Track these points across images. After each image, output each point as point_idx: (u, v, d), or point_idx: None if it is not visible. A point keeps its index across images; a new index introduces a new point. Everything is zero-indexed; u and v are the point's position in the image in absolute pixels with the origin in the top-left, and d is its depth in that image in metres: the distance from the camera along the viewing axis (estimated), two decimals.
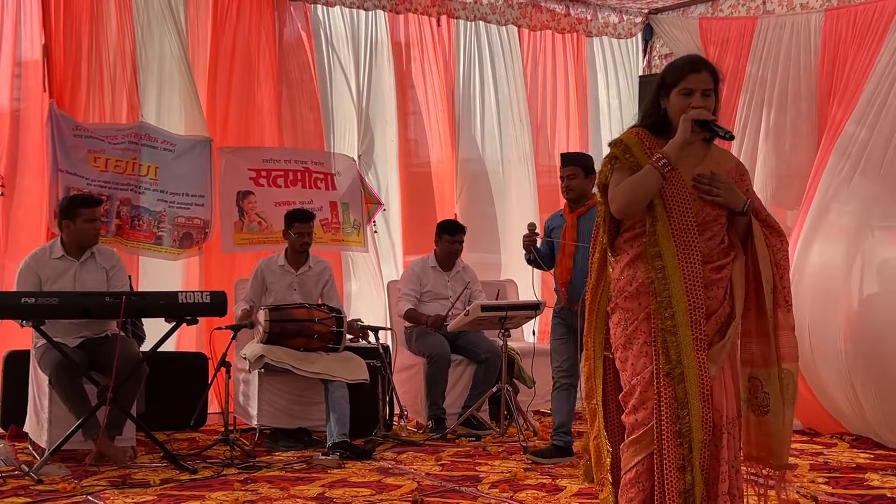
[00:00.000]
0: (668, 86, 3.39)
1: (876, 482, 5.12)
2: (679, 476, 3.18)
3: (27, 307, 5.10)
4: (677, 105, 3.35)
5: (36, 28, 6.49)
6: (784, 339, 3.38)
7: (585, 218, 5.53)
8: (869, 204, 6.13)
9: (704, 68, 3.38)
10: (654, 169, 3.25)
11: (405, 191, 7.85)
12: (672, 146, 3.27)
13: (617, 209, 3.32)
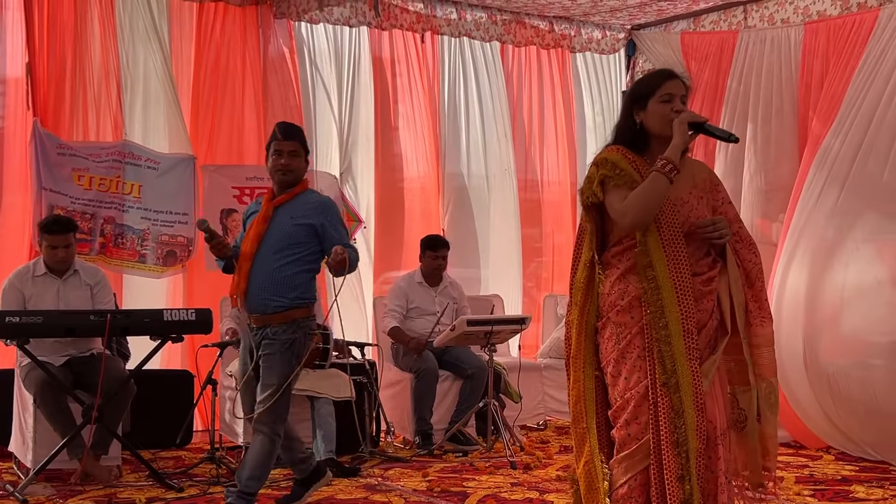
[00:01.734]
0: (643, 97, 3.38)
1: (861, 494, 5.15)
2: (679, 486, 3.18)
3: (11, 326, 5.08)
4: (658, 112, 3.35)
5: (19, 45, 6.48)
6: (764, 355, 3.38)
7: (285, 209, 4.54)
8: (849, 217, 6.14)
9: (678, 76, 3.41)
10: (661, 174, 3.23)
11: (381, 207, 7.82)
12: (673, 150, 3.26)
13: (633, 221, 3.27)
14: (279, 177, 4.55)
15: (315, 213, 4.56)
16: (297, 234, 4.49)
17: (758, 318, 3.39)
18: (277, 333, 4.45)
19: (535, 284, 8.41)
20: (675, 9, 7.85)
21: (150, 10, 6.92)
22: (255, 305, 4.45)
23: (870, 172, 6.08)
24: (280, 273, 4.44)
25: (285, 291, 4.45)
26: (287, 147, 4.57)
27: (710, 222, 3.33)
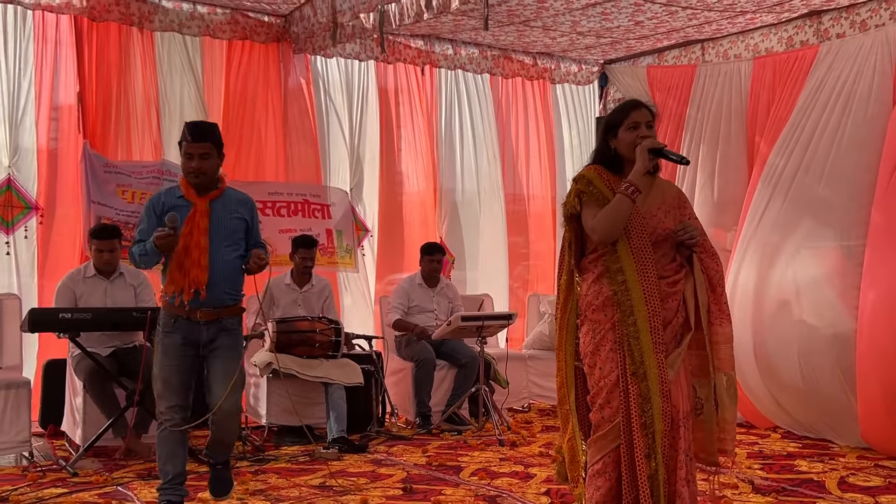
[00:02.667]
0: (614, 126, 3.43)
1: (804, 467, 5.18)
2: (646, 463, 3.21)
3: (64, 321, 5.10)
4: (626, 138, 3.39)
5: (71, 77, 6.50)
6: (723, 350, 3.40)
7: (219, 204, 4.09)
8: (791, 225, 6.15)
9: (643, 106, 3.45)
10: (625, 196, 3.29)
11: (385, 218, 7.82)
12: (635, 175, 3.31)
13: (601, 237, 3.33)
14: (192, 179, 4.03)
15: (244, 208, 4.18)
16: (237, 228, 4.12)
17: (718, 319, 3.41)
18: (234, 325, 4.12)
19: (520, 285, 8.43)
20: (641, 46, 7.90)
21: (185, 47, 6.96)
22: (213, 299, 3.98)
23: (808, 186, 6.10)
24: (231, 266, 4.07)
25: (237, 285, 4.13)
26: (198, 150, 4.01)
27: (682, 227, 3.37)
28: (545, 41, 7.81)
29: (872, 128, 5.84)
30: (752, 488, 4.64)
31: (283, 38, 7.32)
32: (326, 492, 4.57)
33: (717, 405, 3.40)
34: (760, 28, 7.18)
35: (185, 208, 4.02)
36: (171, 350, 4.02)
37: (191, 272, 3.93)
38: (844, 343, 5.62)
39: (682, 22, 7.06)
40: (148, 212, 4.08)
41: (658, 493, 3.18)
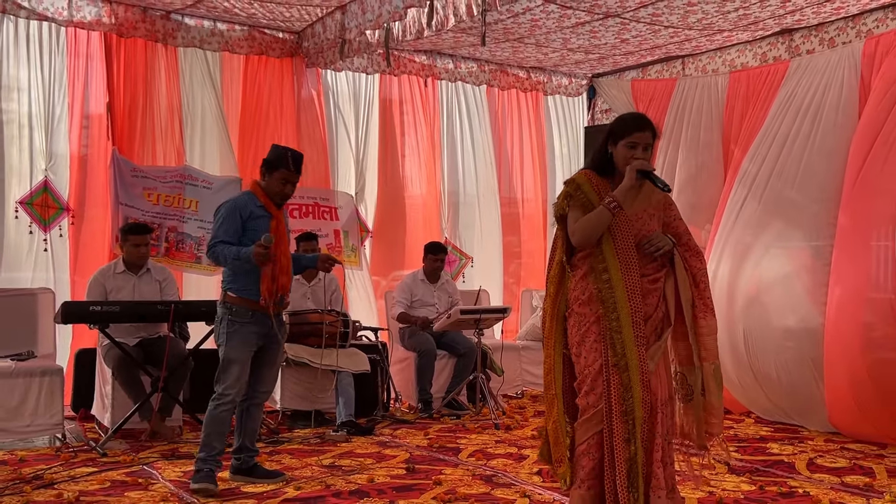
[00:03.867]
0: (616, 135, 3.40)
1: (776, 450, 5.18)
2: (625, 446, 3.21)
3: (94, 313, 5.11)
4: (623, 154, 3.37)
5: (101, 89, 6.50)
6: (708, 342, 3.40)
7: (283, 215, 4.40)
8: (763, 225, 6.15)
9: (648, 128, 3.38)
10: (606, 209, 3.29)
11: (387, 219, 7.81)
12: (620, 191, 3.30)
13: (578, 242, 3.34)
14: (280, 200, 4.30)
15: (288, 219, 4.51)
16: (290, 237, 4.46)
17: (702, 312, 3.40)
18: (283, 319, 4.41)
19: (514, 281, 8.43)
20: (627, 61, 7.89)
21: (206, 61, 6.96)
22: (283, 294, 4.26)
23: (780, 190, 6.09)
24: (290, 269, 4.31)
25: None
26: (294, 178, 4.31)
27: (648, 240, 3.37)
28: (538, 56, 7.81)
29: (840, 136, 5.83)
30: (727, 469, 4.64)
31: (296, 53, 7.32)
32: (336, 471, 4.56)
33: (705, 392, 3.40)
34: (736, 45, 7.18)
35: (265, 218, 4.24)
36: (248, 338, 4.20)
37: (280, 278, 4.18)
38: (813, 335, 5.62)
39: (664, 39, 7.06)
40: (233, 214, 4.22)
41: (635, 475, 3.19)
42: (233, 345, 4.17)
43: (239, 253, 4.10)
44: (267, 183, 4.30)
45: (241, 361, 4.18)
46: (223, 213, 4.25)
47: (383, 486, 4.24)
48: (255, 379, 4.31)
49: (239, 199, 4.34)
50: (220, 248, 4.15)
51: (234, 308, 4.19)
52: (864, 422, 5.36)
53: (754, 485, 4.29)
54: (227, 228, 4.18)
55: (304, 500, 3.97)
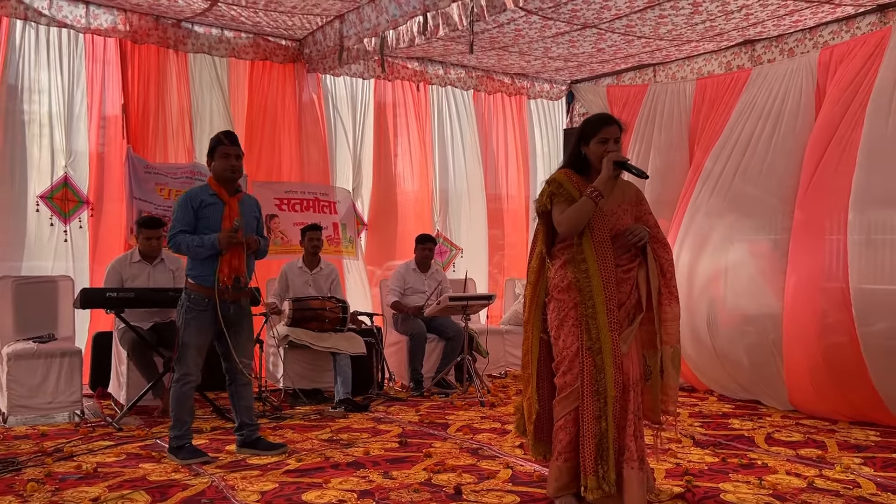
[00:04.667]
0: (587, 136, 3.44)
1: (737, 425, 5.22)
2: (595, 423, 3.25)
3: (111, 299, 5.11)
4: (597, 150, 3.41)
5: (117, 91, 6.47)
6: (671, 327, 3.44)
7: (243, 203, 4.29)
8: (723, 219, 6.17)
9: (614, 122, 3.44)
10: (589, 199, 3.33)
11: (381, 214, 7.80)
12: (600, 181, 3.34)
13: (565, 231, 3.36)
14: (229, 175, 4.16)
15: (257, 208, 4.38)
16: (253, 225, 4.32)
17: (668, 300, 3.44)
18: (247, 304, 4.34)
19: (499, 271, 8.45)
20: (603, 68, 7.92)
21: (214, 66, 6.93)
22: (241, 284, 4.19)
23: (741, 188, 6.11)
24: (250, 257, 4.27)
25: (251, 272, 4.31)
26: (234, 151, 4.17)
27: (629, 231, 3.40)
28: (521, 64, 7.82)
29: (797, 138, 5.87)
30: (692, 442, 4.68)
31: (298, 59, 7.30)
32: (334, 444, 4.58)
33: (663, 373, 3.44)
34: (703, 54, 7.21)
35: (216, 206, 4.15)
36: (204, 325, 4.17)
37: (232, 262, 4.11)
38: (772, 320, 5.66)
39: (637, 49, 7.08)
40: (185, 205, 4.14)
41: (605, 449, 3.22)
42: (190, 331, 4.14)
43: (203, 240, 4.04)
44: (214, 168, 4.19)
45: (196, 346, 4.16)
46: (178, 205, 4.17)
47: (378, 458, 4.27)
48: (238, 353, 4.24)
49: (192, 190, 4.25)
50: (180, 237, 4.10)
51: (193, 295, 4.15)
52: (818, 401, 5.41)
53: (717, 457, 4.33)
54: (182, 218, 4.11)
55: (305, 471, 3.99)
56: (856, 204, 5.22)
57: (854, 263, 5.16)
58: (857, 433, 4.97)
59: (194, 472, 3.96)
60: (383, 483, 3.75)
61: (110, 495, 3.52)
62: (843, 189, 5.34)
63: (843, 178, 5.36)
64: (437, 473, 3.94)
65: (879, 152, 5.19)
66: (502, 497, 3.53)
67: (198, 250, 4.08)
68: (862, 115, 5.38)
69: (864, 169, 5.22)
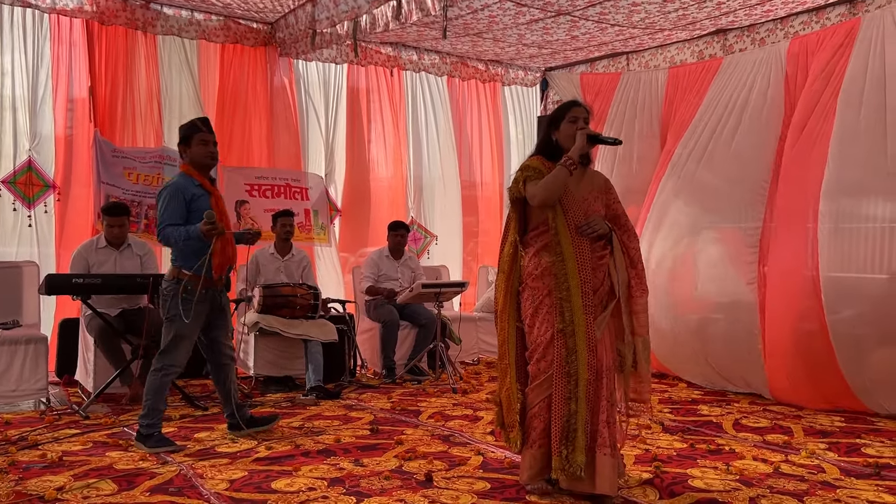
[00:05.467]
0: (557, 119, 3.48)
1: (706, 411, 5.28)
2: (565, 404, 3.27)
3: (77, 285, 5.02)
4: (567, 130, 3.44)
5: (84, 73, 6.35)
6: (641, 318, 3.46)
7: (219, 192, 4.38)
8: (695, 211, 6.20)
9: (582, 105, 3.50)
10: (563, 167, 3.34)
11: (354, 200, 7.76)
12: (574, 151, 3.37)
13: (540, 201, 3.35)
14: (208, 161, 4.15)
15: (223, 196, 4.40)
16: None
17: (638, 291, 3.46)
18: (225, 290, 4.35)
19: (472, 258, 8.46)
20: (576, 56, 7.92)
21: (183, 49, 6.82)
22: (232, 266, 4.26)
23: (710, 177, 6.12)
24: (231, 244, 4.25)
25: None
26: (212, 138, 4.18)
27: (585, 223, 3.41)
28: (495, 50, 7.80)
29: (767, 126, 5.90)
30: (662, 428, 4.73)
31: (269, 43, 7.21)
32: (305, 432, 4.57)
33: (636, 363, 3.46)
34: (676, 43, 7.23)
35: (204, 197, 4.15)
36: (200, 315, 4.16)
37: (227, 251, 4.16)
38: (740, 308, 5.71)
39: (611, 37, 7.08)
40: (177, 197, 4.09)
41: (573, 431, 3.23)
42: (189, 323, 4.09)
43: (189, 232, 4.02)
44: (191, 155, 4.15)
45: (191, 338, 4.17)
46: (167, 197, 4.09)
47: (349, 445, 4.26)
48: (221, 335, 4.33)
49: (178, 182, 4.15)
50: (169, 230, 4.06)
51: (189, 286, 4.08)
52: (793, 389, 5.45)
53: (686, 443, 4.38)
54: (173, 212, 4.06)
55: (275, 458, 3.97)
56: (826, 193, 5.28)
57: (823, 252, 5.22)
58: (822, 419, 5.04)
59: (162, 460, 3.92)
60: (354, 470, 3.74)
61: (76, 484, 3.48)
62: (814, 179, 5.40)
63: (815, 168, 5.41)
64: (408, 461, 3.94)
65: (851, 142, 5.25)
66: (473, 484, 3.53)
67: (187, 243, 4.05)
68: (832, 106, 5.43)
69: (836, 159, 5.27)
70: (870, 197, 5.16)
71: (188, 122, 4.24)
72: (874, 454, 4.18)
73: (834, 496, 3.41)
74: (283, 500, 3.29)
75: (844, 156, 5.25)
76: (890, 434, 4.64)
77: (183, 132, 4.20)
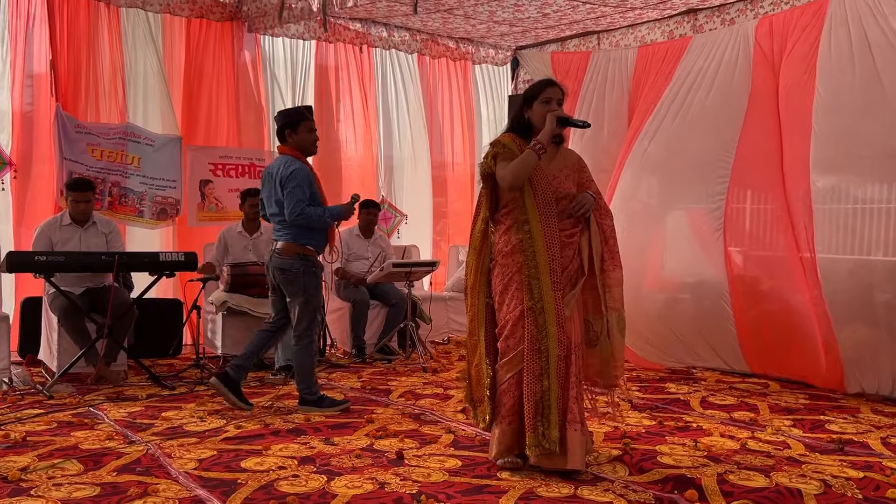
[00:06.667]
0: (530, 99, 3.47)
1: (673, 389, 5.36)
2: (537, 381, 3.29)
3: (40, 263, 4.92)
4: (539, 111, 3.44)
5: (44, 47, 6.18)
6: (615, 292, 3.48)
7: None
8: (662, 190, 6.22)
9: (557, 85, 3.48)
10: (532, 151, 3.35)
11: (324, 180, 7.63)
12: (544, 135, 3.38)
13: (509, 183, 3.36)
14: (314, 149, 4.61)
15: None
16: None
17: (611, 266, 3.48)
18: None
19: (442, 238, 8.45)
20: (548, 34, 7.90)
21: (147, 23, 6.67)
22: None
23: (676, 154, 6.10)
24: None
25: None
26: (314, 125, 4.60)
27: (575, 201, 3.40)
28: (466, 28, 7.75)
29: (733, 108, 5.86)
30: (630, 406, 4.78)
31: (236, 18, 7.09)
32: (275, 411, 4.54)
33: (610, 338, 3.48)
34: (647, 22, 7.25)
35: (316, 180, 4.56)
36: (320, 286, 4.55)
37: (333, 230, 4.62)
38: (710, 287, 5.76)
39: (582, 15, 7.08)
40: (309, 180, 4.47)
41: (546, 407, 3.26)
42: (317, 294, 4.51)
43: (333, 211, 4.48)
44: (297, 140, 4.52)
45: (320, 307, 4.59)
46: (301, 181, 4.43)
47: (319, 424, 4.25)
48: None
49: (303, 167, 4.51)
50: (310, 210, 4.43)
51: (313, 260, 4.49)
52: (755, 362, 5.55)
53: (654, 420, 4.44)
54: (304, 193, 4.42)
55: (244, 438, 3.94)
56: (790, 171, 5.32)
57: (789, 231, 5.29)
58: (787, 396, 5.14)
59: (129, 439, 3.88)
60: (325, 449, 3.74)
61: (40, 465, 3.42)
62: (777, 161, 5.45)
63: (778, 150, 5.46)
64: (379, 439, 3.94)
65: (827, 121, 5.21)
66: (444, 462, 3.55)
67: (327, 221, 4.49)
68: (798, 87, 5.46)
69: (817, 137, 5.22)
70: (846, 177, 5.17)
71: (294, 109, 4.66)
72: (837, 430, 4.27)
73: (799, 471, 3.48)
74: (254, 478, 3.28)
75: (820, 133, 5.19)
76: (852, 411, 4.75)
77: (290, 118, 4.54)
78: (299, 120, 4.51)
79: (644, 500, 3.07)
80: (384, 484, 3.22)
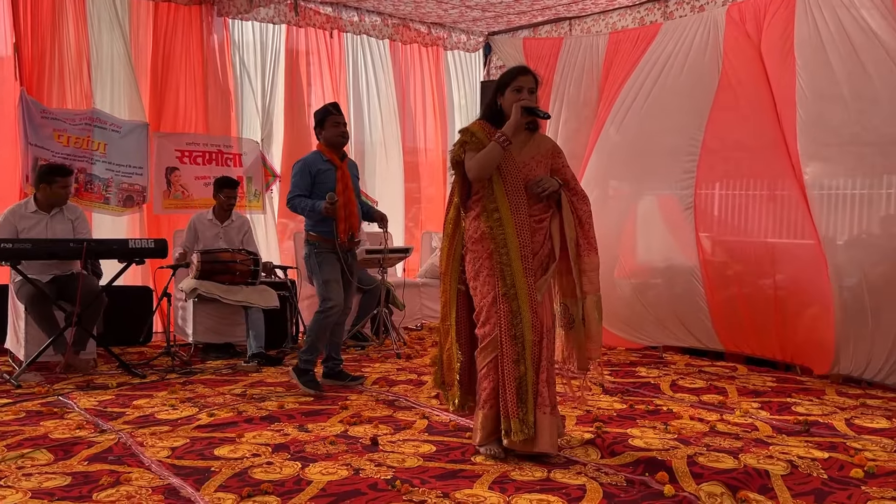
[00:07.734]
0: (503, 86, 3.47)
1: (643, 373, 5.43)
2: (515, 367, 3.32)
3: (5, 251, 4.83)
4: (511, 98, 3.44)
5: (8, 29, 6.06)
6: (591, 277, 3.50)
7: (349, 166, 4.88)
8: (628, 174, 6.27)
9: (530, 73, 3.48)
10: (497, 144, 3.36)
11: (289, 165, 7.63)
12: (508, 127, 3.38)
13: (474, 176, 3.39)
14: (340, 141, 4.77)
15: (356, 169, 5.01)
16: (357, 184, 4.96)
17: (586, 250, 3.50)
18: (354, 254, 4.93)
19: (415, 224, 8.44)
20: (520, 20, 7.90)
21: (114, 6, 6.54)
22: (353, 232, 4.77)
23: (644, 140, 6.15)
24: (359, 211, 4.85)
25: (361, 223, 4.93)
26: (342, 119, 4.79)
27: (536, 181, 3.44)
28: (438, 13, 7.72)
29: (702, 94, 5.90)
30: (602, 390, 4.84)
31: (204, 1, 6.99)
32: (248, 398, 4.53)
33: (586, 321, 3.52)
34: (618, 9, 7.27)
35: (330, 171, 4.75)
36: (331, 263, 4.72)
37: (350, 220, 4.73)
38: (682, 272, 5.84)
39: (554, 1, 7.08)
40: (304, 171, 4.74)
41: (525, 392, 3.30)
42: (325, 269, 4.70)
43: (313, 206, 4.63)
44: (325, 136, 4.77)
45: (335, 279, 4.70)
46: (297, 171, 4.75)
47: (293, 411, 4.24)
48: (349, 294, 4.87)
49: (308, 157, 4.82)
50: (297, 200, 4.71)
51: (317, 244, 4.74)
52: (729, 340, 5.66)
53: (625, 403, 4.49)
54: (299, 183, 4.71)
55: (217, 426, 3.93)
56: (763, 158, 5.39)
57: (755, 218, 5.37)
58: (755, 379, 5.23)
59: (100, 428, 3.85)
60: (299, 436, 3.74)
61: (9, 454, 3.39)
62: (745, 147, 5.50)
63: (747, 137, 5.52)
64: (353, 425, 3.95)
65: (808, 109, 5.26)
66: (419, 447, 3.57)
67: (310, 214, 4.69)
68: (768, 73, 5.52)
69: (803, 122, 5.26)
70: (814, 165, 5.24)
71: (321, 108, 4.84)
72: (804, 412, 4.36)
73: (767, 452, 3.55)
74: (227, 466, 3.27)
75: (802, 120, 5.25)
76: (818, 393, 4.85)
77: (318, 117, 4.81)
78: (325, 116, 4.77)
79: (616, 483, 3.12)
80: (359, 470, 3.23)
